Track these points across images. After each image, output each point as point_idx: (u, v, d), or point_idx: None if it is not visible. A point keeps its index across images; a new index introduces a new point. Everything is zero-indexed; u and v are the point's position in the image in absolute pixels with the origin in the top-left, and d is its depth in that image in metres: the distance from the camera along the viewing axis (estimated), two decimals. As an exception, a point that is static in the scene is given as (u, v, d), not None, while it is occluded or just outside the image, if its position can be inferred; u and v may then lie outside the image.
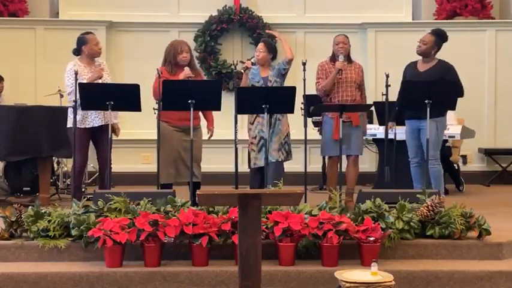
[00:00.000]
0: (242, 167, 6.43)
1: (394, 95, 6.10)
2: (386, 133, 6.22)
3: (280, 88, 6.32)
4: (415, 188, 6.35)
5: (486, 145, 9.40)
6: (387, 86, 6.07)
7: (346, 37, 6.62)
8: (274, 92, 6.15)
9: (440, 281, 4.63)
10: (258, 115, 6.36)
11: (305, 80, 6.20)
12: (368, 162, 8.93)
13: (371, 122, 8.58)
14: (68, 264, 4.76)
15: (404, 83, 6.21)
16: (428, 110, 5.98)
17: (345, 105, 6.27)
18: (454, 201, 5.22)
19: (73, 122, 6.02)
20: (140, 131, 8.56)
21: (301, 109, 7.29)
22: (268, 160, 6.31)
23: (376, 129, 8.15)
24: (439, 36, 6.51)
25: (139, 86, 5.89)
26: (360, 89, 6.63)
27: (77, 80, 5.97)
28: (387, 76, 6.04)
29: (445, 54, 6.60)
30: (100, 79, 6.28)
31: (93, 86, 6.16)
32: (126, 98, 5.84)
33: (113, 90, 5.97)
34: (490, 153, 9.38)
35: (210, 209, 4.97)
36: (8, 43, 9.28)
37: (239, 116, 6.20)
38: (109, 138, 5.96)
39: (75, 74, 6.01)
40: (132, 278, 4.58)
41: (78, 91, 5.92)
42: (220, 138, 8.60)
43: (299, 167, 6.81)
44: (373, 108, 7.73)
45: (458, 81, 6.46)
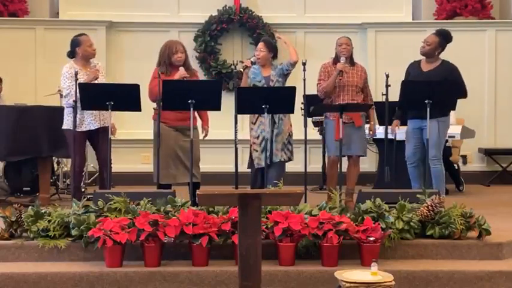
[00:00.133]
0: (242, 167, 6.42)
1: (394, 95, 6.10)
2: (386, 133, 6.21)
3: (280, 88, 6.32)
4: (413, 188, 6.35)
5: (486, 145, 9.41)
6: (387, 86, 6.07)
7: (349, 39, 6.61)
8: (274, 92, 6.15)
9: (440, 281, 4.63)
10: (260, 115, 6.34)
11: (305, 80, 6.21)
12: (368, 162, 8.92)
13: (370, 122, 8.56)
14: (68, 264, 4.76)
15: (405, 83, 6.21)
16: (428, 109, 5.98)
17: (344, 104, 6.27)
18: (454, 201, 5.22)
19: (73, 123, 6.03)
20: (140, 131, 8.57)
21: (301, 109, 7.31)
22: (272, 159, 6.32)
23: (376, 129, 8.13)
24: (443, 37, 6.49)
25: (139, 86, 5.89)
26: (363, 91, 6.63)
27: (77, 80, 5.97)
28: (387, 76, 6.04)
29: (445, 54, 6.58)
30: (95, 80, 6.27)
31: (93, 86, 6.16)
32: (126, 98, 5.84)
33: (113, 90, 5.98)
34: (490, 153, 9.39)
35: (210, 209, 4.97)
36: (8, 43, 9.28)
37: (239, 116, 6.19)
38: (109, 138, 5.97)
39: (75, 74, 6.01)
40: (132, 278, 4.58)
41: (78, 91, 5.93)
42: (220, 138, 8.64)
43: (299, 167, 6.81)
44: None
45: (462, 82, 6.45)
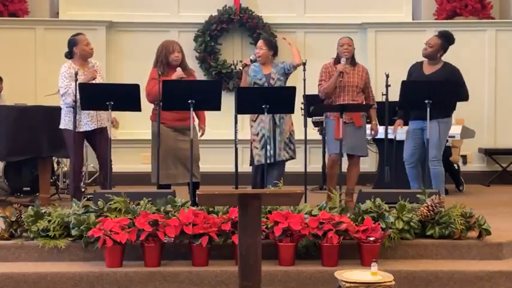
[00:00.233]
0: (242, 167, 6.42)
1: (394, 95, 6.10)
2: (386, 133, 6.21)
3: (280, 88, 6.31)
4: (412, 188, 6.35)
5: (486, 145, 9.41)
6: (387, 86, 6.07)
7: (350, 39, 6.60)
8: (274, 92, 6.15)
9: (440, 281, 4.63)
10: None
11: (305, 80, 6.21)
12: (368, 162, 8.92)
13: (371, 122, 8.55)
14: (68, 264, 4.76)
15: (405, 83, 6.20)
16: (428, 110, 5.98)
17: (344, 104, 6.27)
18: (454, 201, 5.22)
19: (73, 124, 6.03)
20: (140, 131, 8.55)
21: (301, 109, 7.31)
22: (275, 159, 6.31)
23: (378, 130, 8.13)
24: (446, 38, 6.48)
25: (139, 86, 5.89)
26: (365, 92, 6.62)
27: (77, 80, 5.97)
28: (387, 76, 6.04)
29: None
30: (93, 80, 6.27)
31: (93, 86, 6.16)
32: (126, 98, 5.84)
33: (113, 90, 5.98)
34: (490, 153, 9.39)
35: (210, 209, 4.97)
36: (8, 43, 9.28)
37: (239, 116, 6.19)
38: (109, 138, 5.97)
39: (75, 74, 6.01)
40: (132, 278, 4.58)
41: (78, 91, 5.93)
42: (220, 138, 8.65)
43: (299, 167, 6.81)
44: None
45: (463, 84, 6.44)
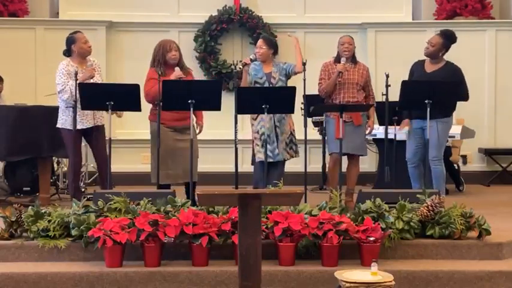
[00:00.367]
0: (242, 167, 6.42)
1: (394, 95, 6.09)
2: (386, 133, 6.21)
3: (280, 88, 6.31)
4: (413, 188, 6.35)
5: (486, 145, 9.40)
6: (387, 86, 6.07)
7: (351, 38, 6.60)
8: (274, 92, 6.14)
9: (440, 281, 4.63)
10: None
11: (305, 80, 6.21)
12: (368, 162, 8.92)
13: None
14: (68, 264, 4.76)
15: (405, 83, 6.20)
16: (428, 110, 5.98)
17: (344, 105, 6.27)
18: (454, 201, 5.22)
19: (73, 124, 6.03)
20: (140, 131, 8.54)
21: (301, 109, 7.30)
22: (277, 158, 6.30)
23: (376, 129, 8.14)
24: (447, 37, 6.47)
25: (139, 86, 5.89)
26: (365, 90, 6.62)
27: (76, 80, 5.98)
28: (387, 76, 6.03)
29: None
30: (91, 79, 6.27)
31: (93, 86, 6.17)
32: (126, 98, 5.84)
33: (112, 90, 5.98)
34: (490, 153, 9.38)
35: (210, 209, 4.97)
36: (8, 43, 9.28)
37: (239, 116, 6.19)
38: (109, 137, 5.97)
39: (75, 73, 6.02)
40: (132, 278, 4.58)
41: (78, 91, 5.93)
42: (220, 138, 8.66)
43: (299, 167, 6.81)
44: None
45: (464, 84, 6.43)
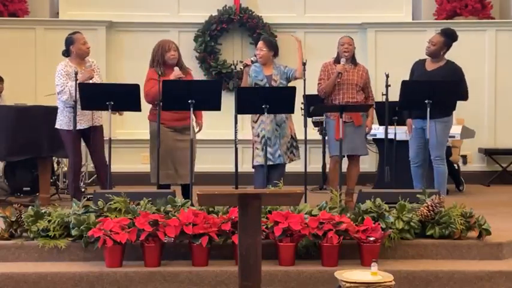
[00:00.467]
0: (242, 167, 6.41)
1: (394, 95, 6.09)
2: (386, 133, 6.21)
3: (280, 88, 6.30)
4: (415, 188, 6.34)
5: (486, 145, 9.40)
6: (387, 86, 6.07)
7: (351, 39, 6.61)
8: (274, 92, 6.13)
9: (440, 281, 4.63)
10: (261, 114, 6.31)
11: (305, 80, 6.21)
12: (368, 162, 8.92)
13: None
14: (68, 264, 4.76)
15: (405, 83, 6.20)
16: (428, 110, 5.98)
17: (344, 105, 6.27)
18: (454, 201, 5.22)
19: (73, 124, 6.03)
20: (140, 131, 8.54)
21: (301, 109, 7.30)
22: (278, 160, 6.29)
23: (376, 129, 8.14)
24: (448, 36, 6.47)
25: (139, 86, 5.89)
26: (364, 91, 6.62)
27: (77, 80, 5.98)
28: (387, 76, 6.03)
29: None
30: (90, 80, 6.27)
31: (93, 86, 6.17)
32: (126, 98, 5.84)
33: (113, 90, 5.98)
34: (490, 153, 9.38)
35: (210, 209, 4.97)
36: (8, 43, 9.28)
37: (239, 116, 6.19)
38: (108, 138, 5.97)
39: (75, 74, 6.02)
40: (132, 278, 4.58)
41: (78, 91, 5.93)
42: (220, 138, 8.65)
43: (299, 167, 6.81)
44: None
45: (464, 84, 6.43)
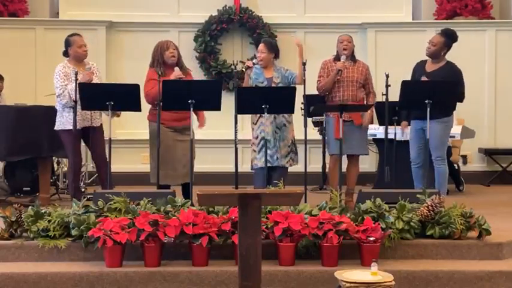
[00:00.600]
0: (242, 167, 6.41)
1: (394, 95, 6.09)
2: (386, 133, 6.21)
3: (280, 88, 6.30)
4: (416, 188, 6.34)
5: (486, 145, 9.40)
6: (387, 86, 6.07)
7: (350, 36, 6.64)
8: (274, 92, 6.13)
9: (440, 281, 4.63)
10: (262, 115, 6.29)
11: (305, 80, 6.21)
12: (368, 162, 8.92)
13: (371, 122, 8.55)
14: (68, 264, 4.77)
15: (405, 83, 6.20)
16: (428, 110, 5.98)
17: (344, 105, 6.27)
18: (454, 201, 5.22)
19: (73, 123, 6.04)
20: (140, 131, 8.53)
21: (301, 109, 7.30)
22: (275, 163, 6.29)
23: (376, 129, 8.14)
24: (448, 36, 6.47)
25: (139, 86, 5.89)
26: (365, 88, 6.62)
27: (76, 80, 5.98)
28: (387, 76, 6.03)
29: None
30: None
31: (93, 86, 6.17)
32: (126, 98, 5.85)
33: (113, 90, 5.98)
34: (490, 153, 9.38)
35: (210, 209, 4.97)
36: (8, 43, 9.28)
37: (239, 116, 6.19)
38: (108, 138, 5.97)
39: (76, 74, 6.02)
40: (132, 278, 4.58)
41: (78, 91, 5.94)
42: (220, 138, 8.65)
43: (299, 167, 6.79)
44: (373, 108, 7.70)
45: (461, 85, 6.40)
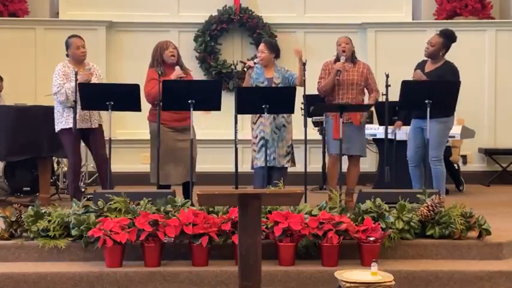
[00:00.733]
0: (242, 167, 6.41)
1: (394, 95, 6.09)
2: (386, 133, 6.21)
3: (280, 88, 6.30)
4: (414, 188, 6.35)
5: (486, 145, 9.41)
6: (387, 86, 6.06)
7: (348, 38, 6.63)
8: (274, 92, 6.14)
9: (440, 281, 4.63)
10: (261, 115, 6.29)
11: (305, 80, 6.21)
12: (368, 162, 8.92)
13: (371, 122, 8.58)
14: (68, 264, 4.77)
15: (405, 83, 6.19)
16: (428, 110, 5.98)
17: (344, 105, 6.27)
18: (454, 201, 5.22)
19: (73, 123, 6.04)
20: (140, 131, 8.53)
21: (301, 109, 7.30)
22: (272, 163, 6.29)
23: (376, 129, 8.15)
24: (447, 37, 6.46)
25: (139, 86, 5.89)
26: (368, 87, 6.61)
27: (77, 80, 5.98)
28: (387, 76, 6.03)
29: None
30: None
31: (93, 86, 6.17)
32: (126, 98, 5.85)
33: (113, 90, 5.99)
34: (490, 153, 9.38)
35: (210, 209, 4.97)
36: (8, 43, 9.28)
37: (239, 116, 6.19)
38: (108, 138, 5.98)
39: (76, 74, 6.02)
40: (132, 278, 4.58)
41: (78, 91, 5.94)
42: (220, 138, 8.66)
43: (299, 167, 6.80)
44: (373, 108, 7.72)
45: (454, 83, 6.35)
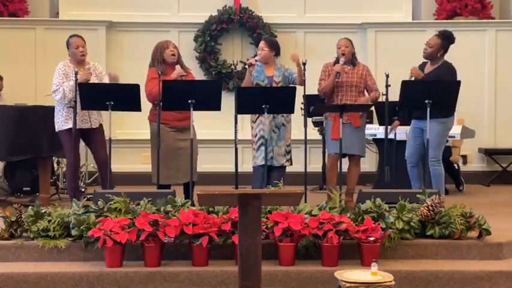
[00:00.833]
0: (242, 167, 6.41)
1: (394, 95, 6.09)
2: (386, 133, 6.21)
3: (280, 88, 6.30)
4: (413, 188, 6.35)
5: (486, 145, 9.40)
6: (387, 86, 6.06)
7: (348, 40, 6.60)
8: (274, 92, 6.14)
9: (440, 281, 4.63)
10: (261, 114, 6.28)
11: (305, 80, 6.21)
12: (368, 162, 8.92)
13: (371, 122, 8.58)
14: (68, 264, 4.77)
15: (405, 83, 6.20)
16: (428, 110, 5.98)
17: (344, 105, 6.27)
18: (454, 201, 5.22)
19: (73, 123, 6.04)
20: (140, 131, 8.54)
21: (301, 109, 7.30)
22: (269, 162, 6.28)
23: (376, 129, 8.15)
24: (446, 38, 6.46)
25: (139, 86, 5.89)
26: (367, 89, 6.60)
27: (76, 80, 5.98)
28: (387, 76, 6.03)
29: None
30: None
31: (93, 86, 6.17)
32: (126, 98, 5.85)
33: (113, 90, 5.98)
34: (490, 153, 9.38)
35: (210, 209, 4.97)
36: (8, 43, 9.28)
37: (239, 116, 6.19)
38: (108, 138, 5.98)
39: (76, 73, 6.02)
40: (132, 278, 4.58)
41: (78, 91, 5.94)
42: (220, 138, 8.65)
43: (299, 167, 6.81)
44: (373, 108, 7.73)
45: (448, 82, 6.31)
